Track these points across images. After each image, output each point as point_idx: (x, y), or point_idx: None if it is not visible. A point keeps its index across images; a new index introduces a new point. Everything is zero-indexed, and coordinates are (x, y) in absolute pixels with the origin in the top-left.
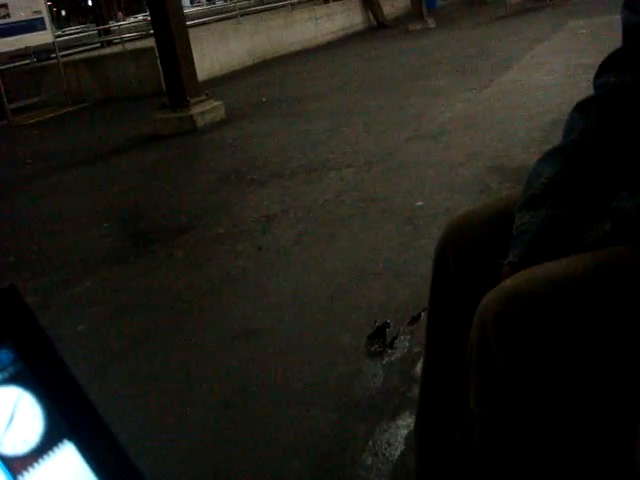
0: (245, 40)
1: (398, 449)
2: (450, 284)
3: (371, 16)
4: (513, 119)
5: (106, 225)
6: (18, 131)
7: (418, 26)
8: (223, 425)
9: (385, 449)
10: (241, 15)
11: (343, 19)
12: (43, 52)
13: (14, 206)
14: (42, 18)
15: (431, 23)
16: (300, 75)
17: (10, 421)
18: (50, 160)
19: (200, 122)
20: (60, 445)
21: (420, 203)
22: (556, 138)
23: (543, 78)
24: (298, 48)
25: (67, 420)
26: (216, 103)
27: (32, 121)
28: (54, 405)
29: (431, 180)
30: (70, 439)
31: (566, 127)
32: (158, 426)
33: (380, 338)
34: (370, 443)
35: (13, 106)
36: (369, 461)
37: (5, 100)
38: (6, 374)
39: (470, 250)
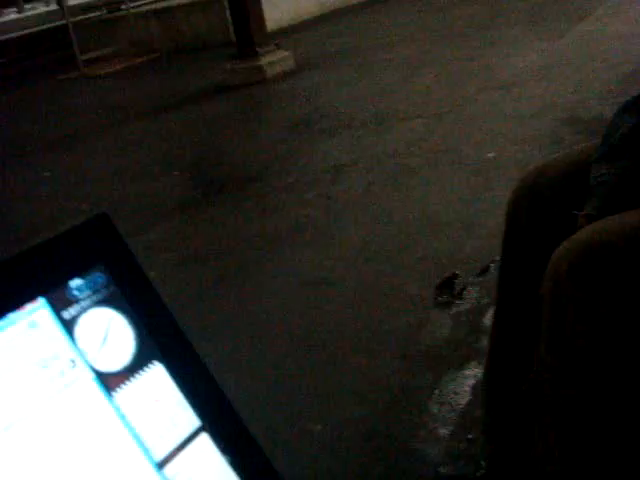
0: None
1: (464, 398)
2: (523, 235)
3: None
4: (589, 70)
5: (177, 174)
6: (89, 82)
7: None
8: (292, 370)
9: (451, 398)
10: None
11: None
12: (113, 3)
13: (87, 156)
14: None
15: None
16: (369, 25)
17: (104, 340)
18: (121, 111)
19: (269, 72)
20: (150, 365)
21: (491, 154)
22: (635, 90)
23: (620, 28)
24: None
25: (157, 342)
26: (285, 53)
27: (103, 72)
28: (145, 328)
29: (503, 131)
30: (160, 360)
31: None
32: (228, 369)
33: (448, 289)
34: (436, 392)
35: (84, 57)
36: (435, 409)
37: (77, 51)
38: (100, 296)
39: (544, 201)
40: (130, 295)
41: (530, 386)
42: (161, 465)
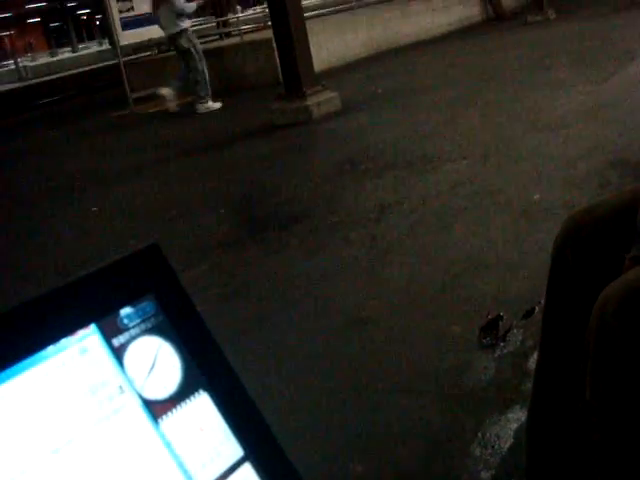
0: (361, 31)
1: (508, 442)
2: (569, 277)
3: (489, 8)
4: (636, 113)
5: (222, 211)
6: (139, 119)
7: (538, 17)
8: (333, 410)
9: (494, 442)
10: (357, 6)
11: (460, 10)
12: (164, 44)
13: (134, 192)
14: None
15: (551, 14)
16: (415, 66)
17: (152, 368)
18: (169, 148)
19: (316, 112)
20: (196, 394)
21: (537, 196)
22: None
23: None
24: (414, 40)
25: (203, 371)
26: (332, 94)
27: (152, 110)
28: (191, 356)
29: (549, 173)
30: (205, 389)
31: None
32: (269, 406)
33: (492, 330)
34: (479, 435)
35: (135, 95)
36: (477, 452)
37: (128, 90)
38: (149, 324)
39: (591, 243)
40: (178, 324)
41: (576, 430)
42: None
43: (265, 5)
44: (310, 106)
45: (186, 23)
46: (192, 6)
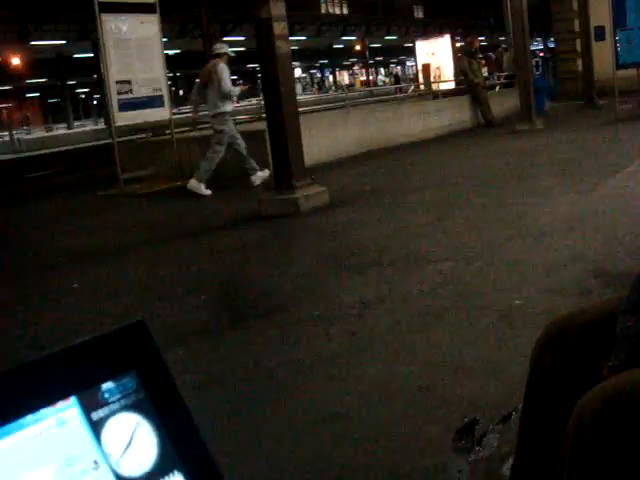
0: (353, 129)
1: None
2: (546, 383)
3: (479, 114)
4: (618, 224)
5: (203, 297)
6: (128, 200)
7: (526, 127)
8: None
9: None
10: (351, 105)
11: (451, 115)
12: (159, 128)
13: (116, 271)
14: (162, 96)
15: (539, 124)
16: (405, 167)
17: (128, 445)
18: (155, 230)
19: (304, 205)
20: (170, 474)
21: (518, 302)
22: None
23: None
24: (405, 141)
25: (179, 452)
26: (320, 188)
27: (142, 192)
28: (169, 436)
29: (531, 279)
30: (180, 471)
31: None
32: None
33: (468, 434)
34: None
35: (126, 176)
36: None
37: (119, 170)
38: (129, 400)
39: (571, 350)
40: (158, 403)
41: None
42: None
43: (261, 97)
44: (298, 199)
45: (227, 106)
46: (237, 90)
